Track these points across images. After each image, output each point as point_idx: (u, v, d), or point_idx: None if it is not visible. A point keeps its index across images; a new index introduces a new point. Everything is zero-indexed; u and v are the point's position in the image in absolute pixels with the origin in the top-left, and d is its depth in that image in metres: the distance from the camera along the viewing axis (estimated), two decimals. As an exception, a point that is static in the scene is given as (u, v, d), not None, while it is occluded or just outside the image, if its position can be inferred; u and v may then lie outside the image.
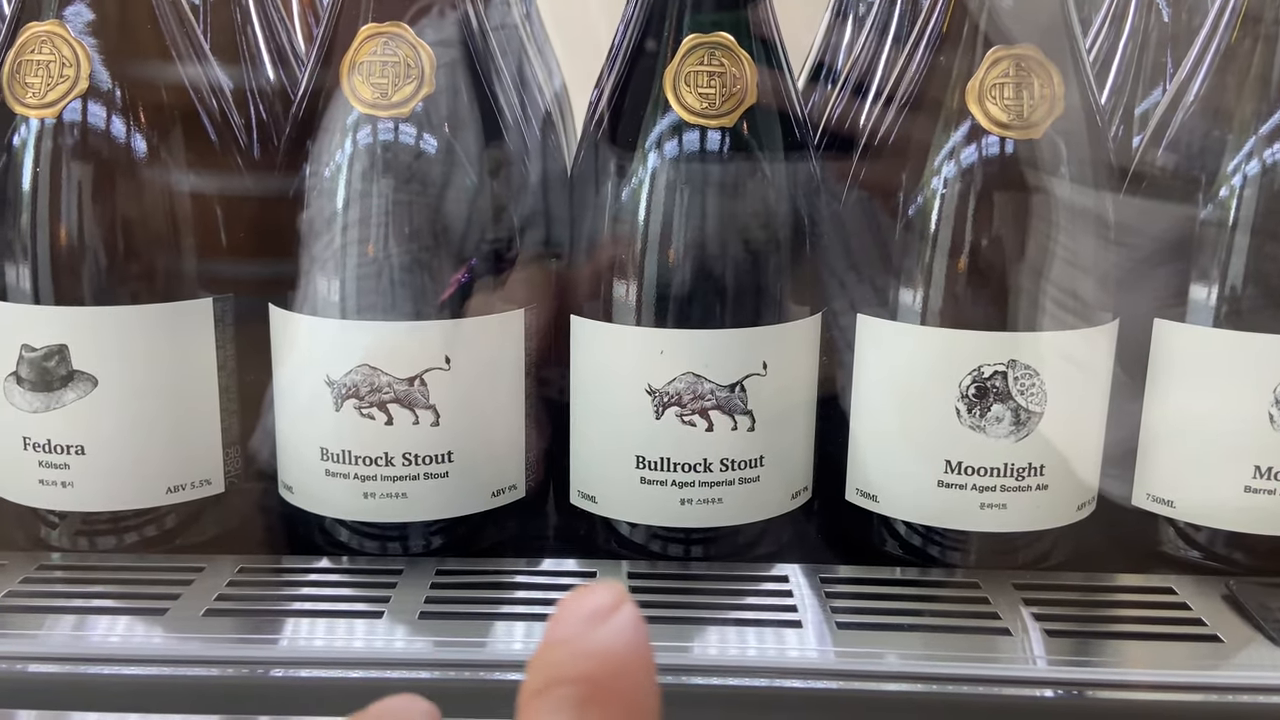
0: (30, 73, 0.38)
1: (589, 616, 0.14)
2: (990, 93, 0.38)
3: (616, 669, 0.14)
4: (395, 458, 0.39)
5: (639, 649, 0.14)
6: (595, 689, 0.14)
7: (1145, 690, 0.33)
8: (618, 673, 0.14)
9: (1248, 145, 0.40)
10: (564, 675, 0.14)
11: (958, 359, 0.39)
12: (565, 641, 0.14)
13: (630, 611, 0.14)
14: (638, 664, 0.14)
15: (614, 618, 0.14)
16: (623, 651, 0.14)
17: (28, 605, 0.37)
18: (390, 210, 0.38)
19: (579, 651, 0.14)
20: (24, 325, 0.39)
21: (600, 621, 0.14)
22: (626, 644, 0.14)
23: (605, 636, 0.14)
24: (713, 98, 0.38)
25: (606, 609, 0.14)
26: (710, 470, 0.40)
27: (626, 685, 0.14)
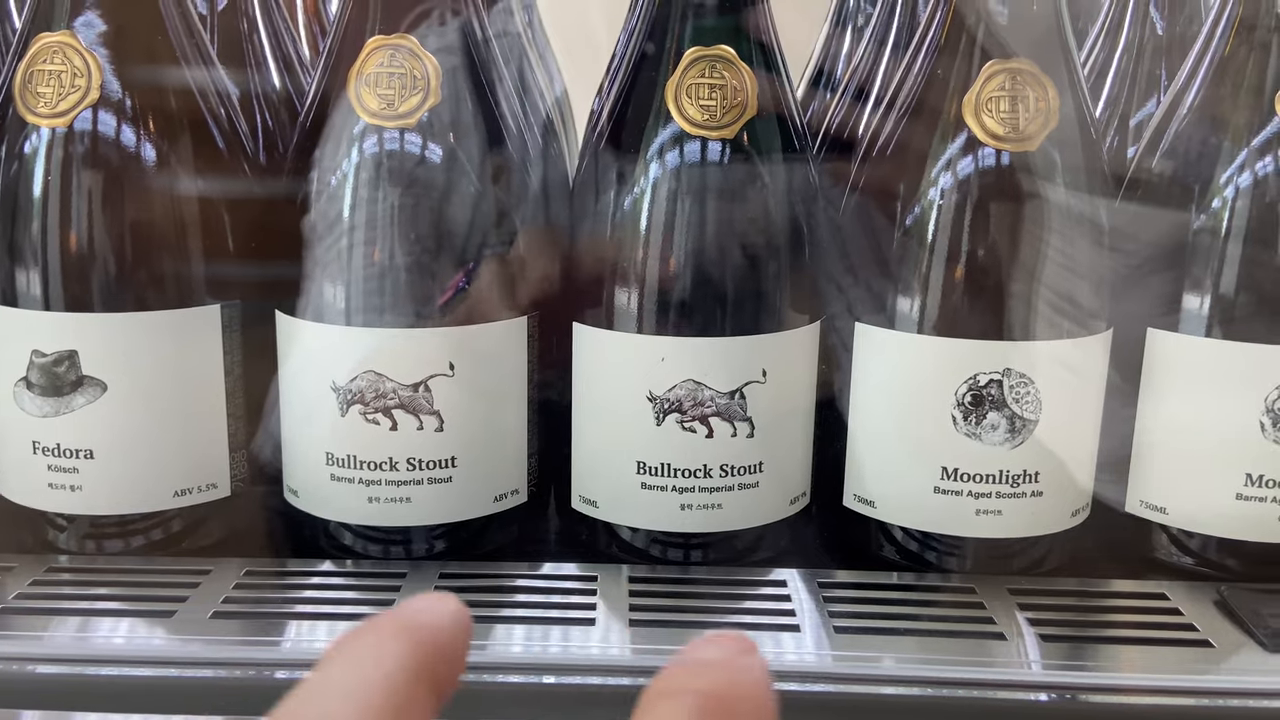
0: (42, 83, 0.39)
1: (723, 650, 0.15)
2: (986, 105, 0.38)
3: (743, 693, 0.14)
4: (400, 462, 0.40)
5: (762, 685, 0.15)
6: (718, 703, 0.14)
7: (1138, 694, 0.34)
8: (743, 696, 0.14)
9: (1241, 156, 0.40)
10: (692, 685, 0.14)
11: (954, 367, 0.39)
12: (698, 662, 0.15)
13: (760, 658, 0.15)
14: (759, 696, 0.14)
15: (748, 656, 0.15)
16: (750, 680, 0.15)
17: (36, 607, 0.38)
18: (395, 218, 0.39)
19: (710, 672, 0.15)
20: (35, 331, 0.40)
21: (736, 655, 0.15)
22: (754, 676, 0.15)
23: (737, 664, 0.15)
24: (714, 110, 0.39)
25: (741, 650, 0.15)
26: (710, 476, 0.40)
27: (746, 710, 0.14)
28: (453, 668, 0.15)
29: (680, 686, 0.14)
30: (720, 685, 0.14)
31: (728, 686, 0.14)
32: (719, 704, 0.14)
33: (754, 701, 0.14)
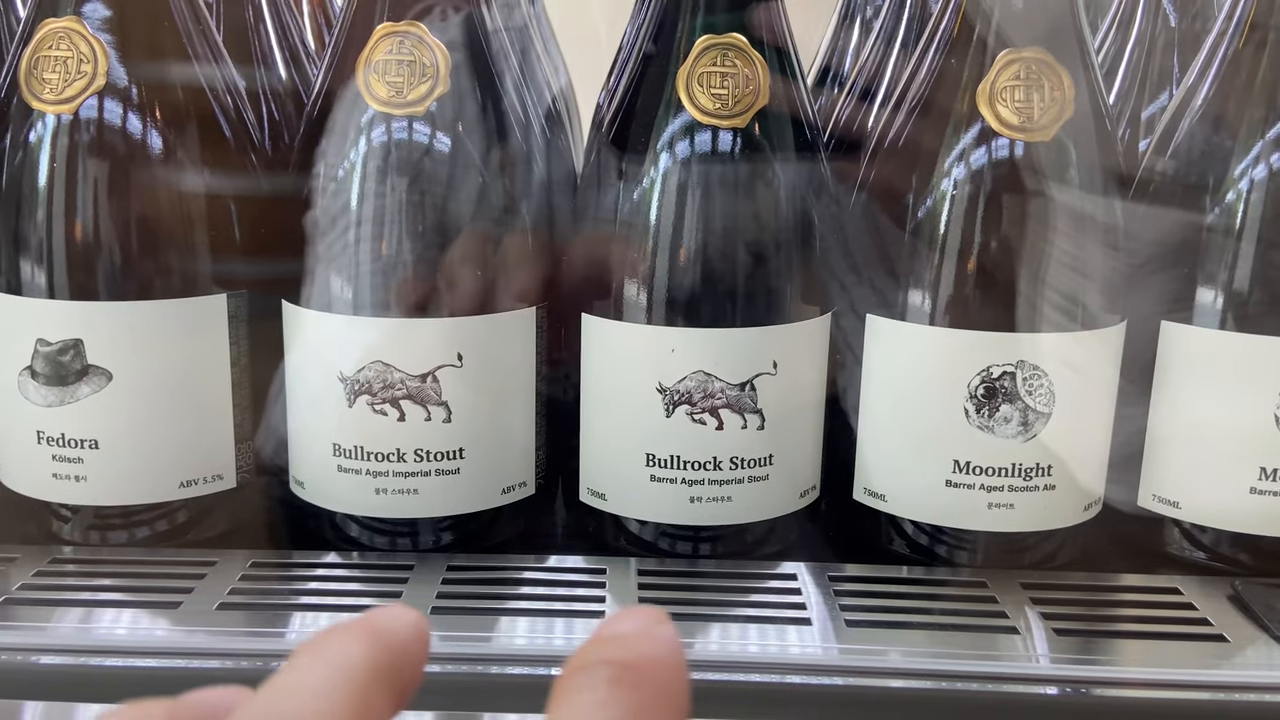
0: (48, 69, 0.39)
1: (634, 623, 0.16)
2: (1001, 95, 0.38)
3: (652, 660, 0.15)
4: (407, 454, 0.40)
5: (674, 652, 0.15)
6: (629, 671, 0.15)
7: (1153, 689, 0.34)
8: (652, 664, 0.15)
9: (1256, 148, 0.40)
10: (603, 657, 0.15)
11: (967, 359, 0.39)
12: (608, 636, 0.15)
13: (672, 628, 0.16)
14: (671, 662, 0.15)
15: (660, 625, 0.16)
16: (658, 649, 0.15)
17: (40, 598, 0.37)
18: (404, 207, 0.39)
19: (620, 642, 0.15)
20: (39, 319, 0.39)
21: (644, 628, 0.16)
22: (662, 644, 0.15)
23: (646, 636, 0.15)
24: (725, 98, 0.39)
25: (651, 620, 0.16)
26: (720, 468, 0.40)
27: (658, 675, 0.15)
28: (412, 673, 0.16)
29: (594, 658, 0.15)
30: (632, 655, 0.15)
31: (640, 655, 0.15)
32: (632, 672, 0.15)
33: (666, 668, 0.15)
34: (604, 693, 0.14)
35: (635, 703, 0.14)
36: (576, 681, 0.14)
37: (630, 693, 0.14)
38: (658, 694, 0.15)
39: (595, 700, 0.14)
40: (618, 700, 0.14)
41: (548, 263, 0.42)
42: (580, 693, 0.14)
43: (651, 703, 0.14)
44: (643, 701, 0.14)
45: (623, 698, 0.14)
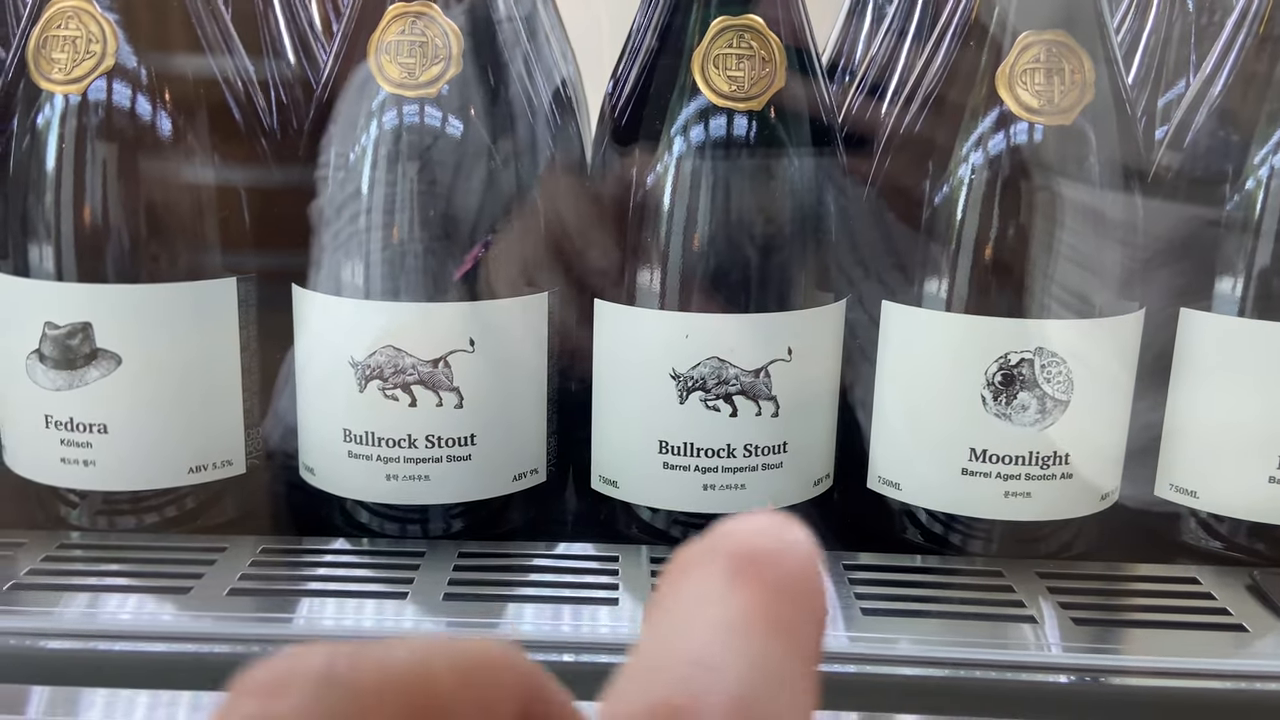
0: (56, 48, 0.38)
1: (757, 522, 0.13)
2: (1021, 78, 0.38)
3: (779, 555, 0.12)
4: (418, 440, 0.39)
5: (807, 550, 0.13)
6: (750, 563, 0.12)
7: (1171, 678, 0.33)
8: (780, 559, 0.12)
9: (1276, 134, 0.39)
10: (719, 548, 0.12)
11: (984, 346, 0.38)
12: (727, 531, 0.13)
13: (804, 530, 0.13)
14: (802, 558, 0.12)
15: (786, 526, 0.13)
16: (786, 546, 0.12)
17: (49, 583, 0.37)
18: (416, 191, 0.38)
19: (741, 536, 0.12)
20: (48, 303, 0.39)
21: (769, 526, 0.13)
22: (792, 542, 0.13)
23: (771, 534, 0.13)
24: (742, 81, 0.38)
25: (778, 520, 0.13)
26: (734, 456, 0.40)
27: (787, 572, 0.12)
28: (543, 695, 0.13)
29: (707, 551, 0.12)
30: (757, 548, 0.12)
31: (765, 550, 0.12)
32: (756, 565, 0.12)
33: (795, 564, 0.12)
34: (720, 585, 0.12)
35: (759, 597, 0.12)
36: (687, 576, 0.12)
37: (753, 586, 0.12)
38: (786, 589, 0.12)
39: (709, 594, 0.12)
40: (737, 594, 0.12)
41: (560, 247, 0.41)
42: (692, 587, 0.12)
43: (779, 597, 0.12)
44: (768, 595, 0.12)
45: (744, 591, 0.12)
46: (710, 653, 0.11)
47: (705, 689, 0.11)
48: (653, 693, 0.11)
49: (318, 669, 0.11)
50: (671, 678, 0.11)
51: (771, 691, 0.11)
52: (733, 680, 0.11)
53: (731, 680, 0.11)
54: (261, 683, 0.11)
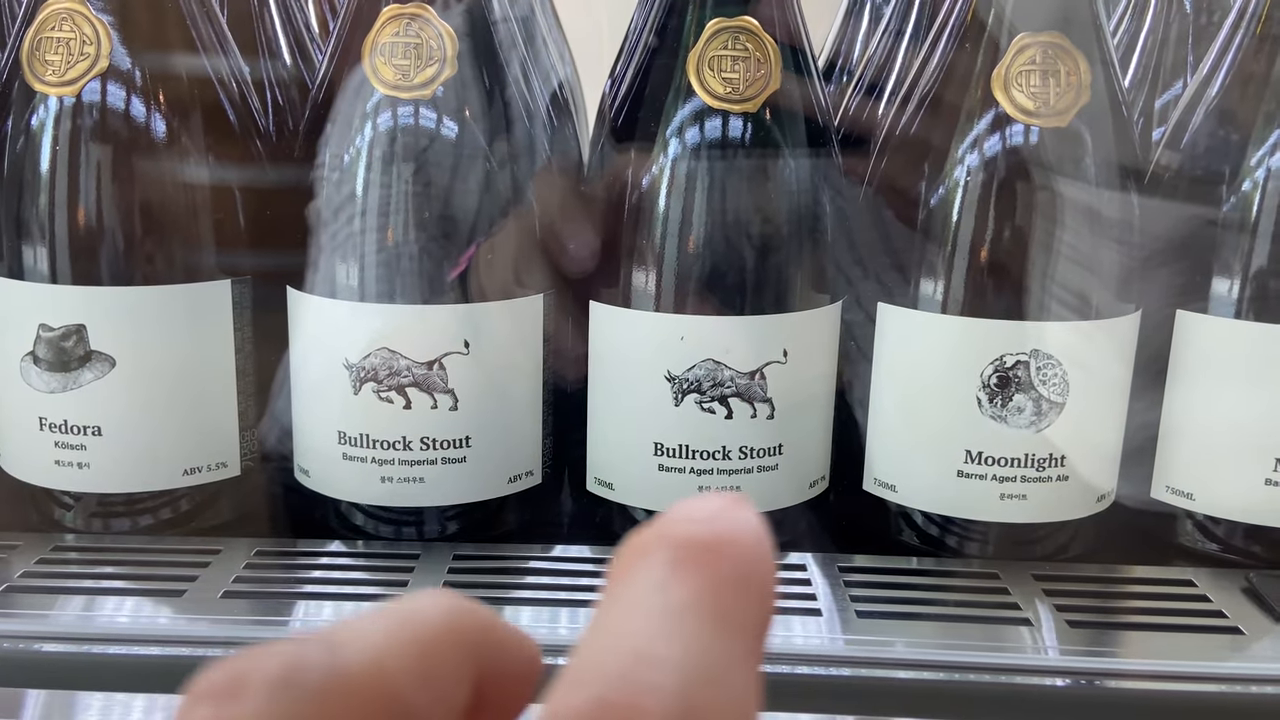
0: (50, 50, 0.38)
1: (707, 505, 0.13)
2: (1016, 80, 0.38)
3: (725, 539, 0.12)
4: (413, 442, 0.39)
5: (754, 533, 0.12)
6: (696, 550, 0.12)
7: (1167, 681, 0.33)
8: (726, 543, 0.12)
9: (1273, 137, 0.39)
10: (667, 535, 0.12)
11: (980, 348, 0.38)
12: (674, 517, 0.13)
13: (754, 511, 0.13)
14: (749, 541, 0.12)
15: (735, 508, 0.13)
16: (734, 529, 0.12)
17: (43, 586, 0.37)
18: (410, 193, 0.38)
19: (687, 522, 0.12)
20: (42, 305, 0.39)
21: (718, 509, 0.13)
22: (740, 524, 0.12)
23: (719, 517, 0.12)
24: (737, 82, 0.38)
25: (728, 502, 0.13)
26: (729, 458, 0.40)
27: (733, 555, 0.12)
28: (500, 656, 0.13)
29: (655, 537, 0.12)
30: (702, 533, 0.12)
31: (712, 535, 0.12)
32: (701, 551, 0.12)
33: (742, 548, 0.12)
34: (665, 573, 0.12)
35: (704, 584, 0.12)
36: (634, 564, 0.12)
37: (699, 573, 0.12)
38: (733, 575, 0.12)
39: (655, 582, 0.12)
40: (682, 581, 0.12)
41: (555, 248, 0.41)
42: (638, 575, 0.12)
43: (727, 587, 0.12)
44: (715, 584, 0.12)
45: (689, 578, 0.12)
46: (650, 646, 0.11)
47: (644, 685, 0.11)
48: (592, 689, 0.11)
49: (273, 673, 0.11)
50: (611, 673, 0.11)
51: (712, 685, 0.11)
52: (672, 675, 0.11)
53: (671, 675, 0.11)
54: (216, 686, 0.11)
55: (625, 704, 0.10)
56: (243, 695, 0.11)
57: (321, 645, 0.11)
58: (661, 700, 0.10)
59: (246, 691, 0.11)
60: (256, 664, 0.11)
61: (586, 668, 0.11)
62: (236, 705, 0.11)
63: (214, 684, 0.11)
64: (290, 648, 0.11)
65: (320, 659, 0.11)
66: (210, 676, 0.11)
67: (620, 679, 0.11)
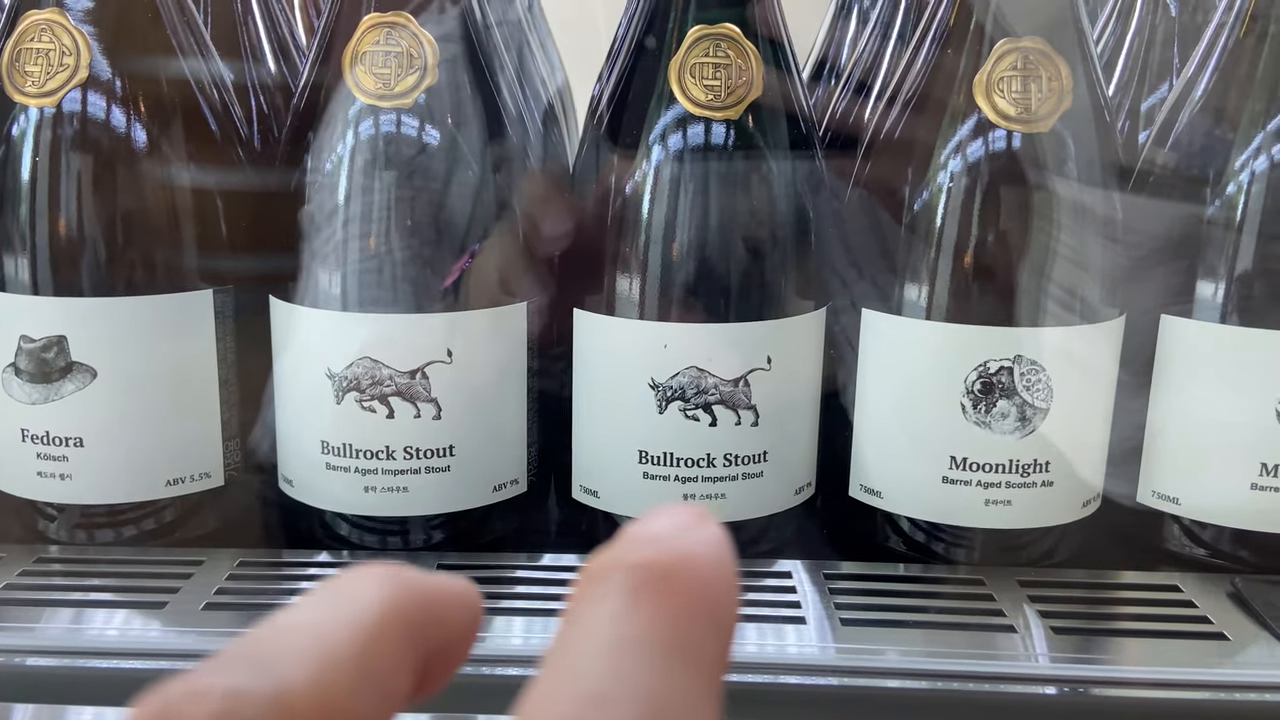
0: (30, 61, 0.38)
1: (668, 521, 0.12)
2: (998, 86, 0.37)
3: (685, 562, 0.12)
4: (396, 451, 0.39)
5: (714, 553, 0.12)
6: (655, 576, 0.12)
7: (1153, 688, 0.33)
8: (686, 566, 0.12)
9: (1257, 140, 0.39)
10: (624, 560, 0.12)
11: (963, 354, 0.38)
12: (635, 537, 0.12)
13: (716, 526, 0.13)
14: (710, 564, 0.12)
15: (697, 525, 0.12)
16: (695, 549, 0.12)
17: (26, 598, 0.37)
18: (392, 202, 0.38)
19: (648, 543, 0.12)
20: (22, 316, 0.39)
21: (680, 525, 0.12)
22: (701, 544, 0.12)
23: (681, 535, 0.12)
24: (718, 90, 0.38)
25: (690, 517, 0.13)
26: (714, 465, 0.40)
27: (693, 579, 0.12)
28: (441, 629, 0.13)
29: (614, 561, 0.12)
30: (663, 556, 0.12)
31: (671, 557, 0.12)
32: (660, 577, 0.12)
33: (703, 570, 0.12)
34: (622, 602, 0.11)
35: (661, 613, 0.11)
36: (591, 591, 0.12)
37: (656, 601, 0.11)
38: (691, 602, 0.11)
39: (610, 612, 0.11)
40: (639, 611, 0.11)
41: (539, 257, 0.41)
42: (594, 604, 0.12)
43: (685, 615, 0.11)
44: (674, 613, 0.11)
45: (646, 608, 0.11)
46: (603, 685, 0.11)
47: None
48: None
49: (216, 709, 0.11)
50: (564, 714, 0.10)
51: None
52: (626, 716, 0.10)
53: (625, 717, 0.10)
54: (158, 713, 0.11)
55: None
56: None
57: (257, 669, 0.11)
58: None
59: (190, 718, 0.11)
60: (195, 699, 0.11)
61: (538, 709, 0.11)
62: None
63: (156, 709, 0.11)
64: (226, 678, 0.11)
65: (259, 690, 0.11)
66: (148, 711, 0.11)
67: None
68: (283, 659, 0.11)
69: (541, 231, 0.40)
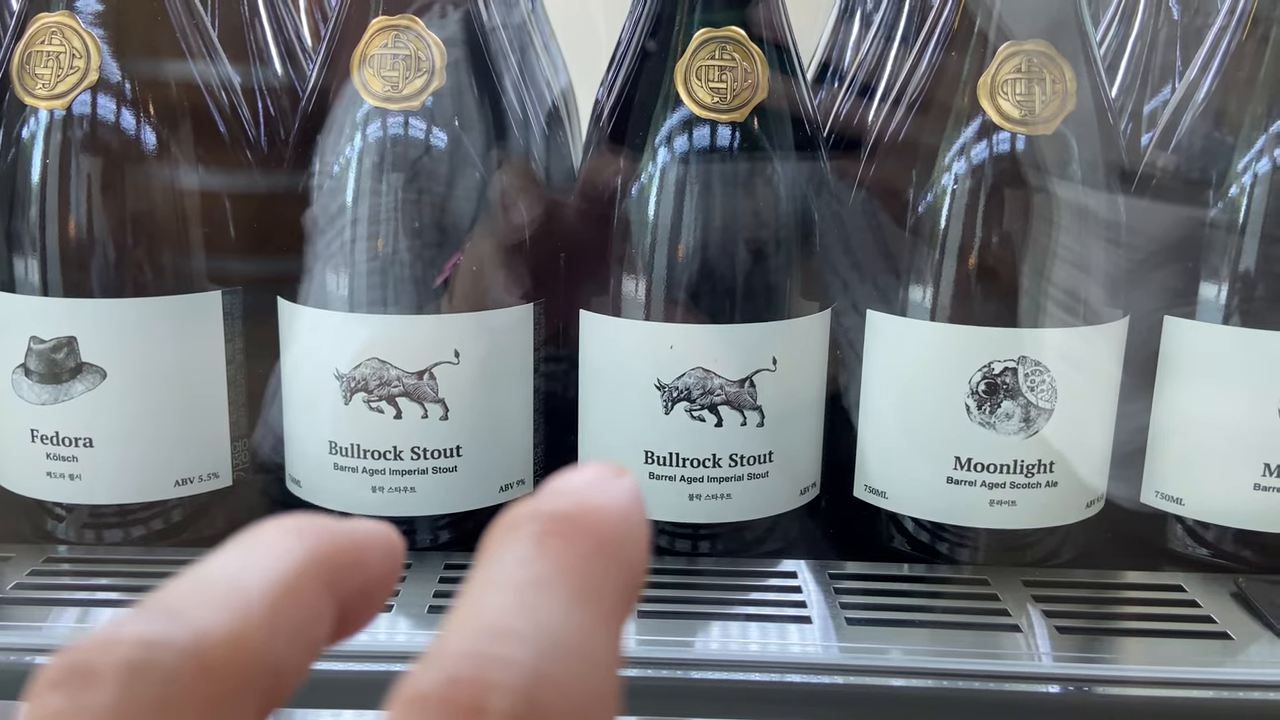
0: (40, 64, 0.38)
1: (582, 476, 0.13)
2: (1002, 88, 0.38)
3: (594, 511, 0.12)
4: (404, 451, 0.39)
5: (625, 502, 0.12)
6: (563, 524, 0.12)
7: (1156, 687, 0.33)
8: (595, 514, 0.12)
9: (1259, 142, 0.39)
10: (534, 510, 0.12)
11: (968, 355, 0.38)
12: (548, 490, 0.13)
13: (631, 479, 0.13)
14: (619, 512, 0.12)
15: (610, 478, 0.13)
16: (605, 499, 0.12)
17: (35, 598, 0.37)
18: (400, 203, 0.38)
19: (560, 495, 0.12)
20: (33, 317, 0.39)
21: (592, 479, 0.13)
22: (613, 494, 0.12)
23: (592, 486, 0.13)
24: (724, 92, 0.38)
25: (603, 472, 0.13)
26: (719, 466, 0.40)
27: (601, 527, 0.12)
28: (360, 574, 0.13)
29: (524, 512, 0.12)
30: (572, 506, 0.12)
31: (580, 506, 0.12)
32: (567, 524, 0.12)
33: (612, 518, 0.12)
34: (530, 547, 0.12)
35: (568, 559, 0.12)
36: (503, 538, 0.12)
37: (562, 547, 0.12)
38: (599, 548, 0.12)
39: (518, 556, 0.12)
40: (545, 556, 0.11)
41: (545, 258, 0.42)
42: (504, 550, 0.12)
43: (590, 558, 0.12)
44: (578, 557, 0.12)
45: (552, 553, 0.12)
46: (504, 620, 0.11)
47: (494, 659, 0.10)
48: (441, 668, 0.10)
49: (126, 657, 0.10)
50: (461, 650, 0.11)
51: (568, 657, 0.11)
52: (524, 648, 0.11)
53: (522, 648, 0.11)
54: (67, 674, 0.10)
55: (473, 680, 0.10)
56: (95, 683, 0.10)
57: (172, 618, 0.11)
58: (511, 675, 0.10)
59: (99, 679, 0.10)
60: (107, 648, 0.10)
61: (443, 646, 0.11)
62: (89, 694, 0.10)
63: (64, 671, 0.10)
64: (140, 626, 0.11)
65: (174, 636, 0.11)
66: (60, 662, 0.10)
67: (470, 656, 0.10)
68: (199, 608, 0.11)
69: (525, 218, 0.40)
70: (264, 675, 0.11)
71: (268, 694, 0.11)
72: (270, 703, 0.11)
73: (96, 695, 0.10)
